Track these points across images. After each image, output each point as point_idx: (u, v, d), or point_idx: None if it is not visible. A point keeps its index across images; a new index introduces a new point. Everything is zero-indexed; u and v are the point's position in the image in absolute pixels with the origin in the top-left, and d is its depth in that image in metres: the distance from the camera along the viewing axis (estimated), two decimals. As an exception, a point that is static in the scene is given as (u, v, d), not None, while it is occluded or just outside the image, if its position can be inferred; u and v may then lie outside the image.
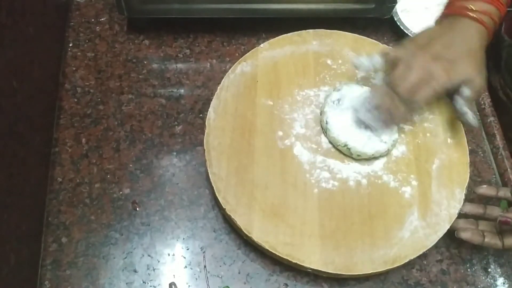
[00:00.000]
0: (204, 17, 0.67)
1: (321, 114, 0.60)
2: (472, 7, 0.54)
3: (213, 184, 0.54)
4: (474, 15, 0.54)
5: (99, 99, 0.64)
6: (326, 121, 0.58)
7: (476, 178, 0.62)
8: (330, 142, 0.58)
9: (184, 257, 0.55)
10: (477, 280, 0.56)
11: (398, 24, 0.71)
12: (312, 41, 0.66)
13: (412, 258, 0.52)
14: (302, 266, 0.51)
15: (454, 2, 0.57)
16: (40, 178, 0.57)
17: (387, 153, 0.58)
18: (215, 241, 0.56)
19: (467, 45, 0.54)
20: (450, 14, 0.56)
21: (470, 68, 0.53)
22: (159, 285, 0.53)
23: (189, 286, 0.53)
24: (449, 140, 0.60)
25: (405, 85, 0.53)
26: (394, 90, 0.53)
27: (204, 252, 0.55)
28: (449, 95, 0.56)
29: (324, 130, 0.59)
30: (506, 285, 0.56)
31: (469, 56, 0.54)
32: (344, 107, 0.59)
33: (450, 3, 0.57)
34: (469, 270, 0.57)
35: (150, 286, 0.53)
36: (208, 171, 0.55)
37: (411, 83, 0.52)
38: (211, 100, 0.60)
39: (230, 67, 0.62)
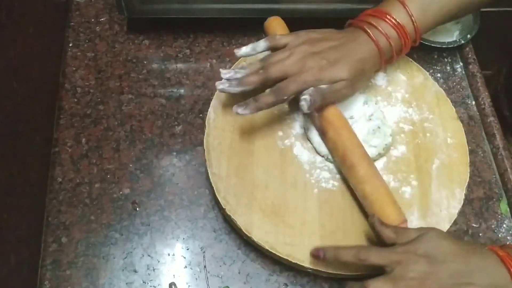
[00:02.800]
0: (204, 17, 0.67)
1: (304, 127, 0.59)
2: (373, 23, 0.55)
3: (213, 184, 0.54)
4: (370, 32, 0.55)
5: (99, 99, 0.64)
6: (308, 137, 0.58)
7: (476, 178, 0.62)
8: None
9: (184, 257, 0.55)
10: (477, 280, 0.56)
11: (398, 24, 0.71)
12: (312, 41, 0.66)
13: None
14: (302, 266, 0.51)
15: (361, 16, 0.57)
16: (40, 178, 0.57)
17: (378, 158, 0.58)
18: (215, 241, 0.56)
19: (353, 53, 0.54)
20: (353, 25, 0.57)
21: (343, 72, 0.53)
22: (159, 285, 0.53)
23: (189, 286, 0.53)
24: (449, 140, 0.60)
25: (278, 68, 0.53)
26: (266, 70, 0.53)
27: (204, 252, 0.55)
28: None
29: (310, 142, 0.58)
30: (506, 285, 0.56)
31: (350, 63, 0.53)
32: None
33: (360, 15, 0.58)
34: (469, 270, 0.57)
35: (150, 286, 0.53)
36: (208, 171, 0.55)
37: (284, 68, 0.52)
38: (211, 100, 0.60)
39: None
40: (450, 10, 0.57)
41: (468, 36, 0.70)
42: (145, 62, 0.68)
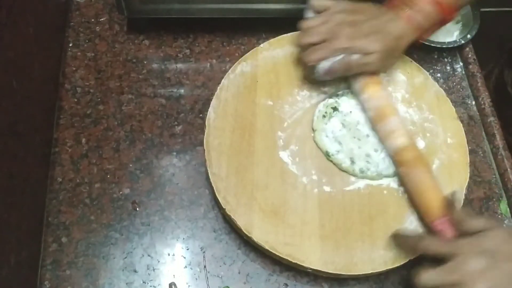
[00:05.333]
0: (204, 17, 0.67)
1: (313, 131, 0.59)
2: (408, 2, 0.55)
3: (213, 184, 0.54)
4: (406, 11, 0.55)
5: (99, 99, 0.64)
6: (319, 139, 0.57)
7: (476, 178, 0.62)
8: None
9: (184, 257, 0.55)
10: (477, 280, 0.56)
11: (398, 24, 0.70)
12: (312, 41, 0.66)
13: (412, 258, 0.52)
14: (302, 266, 0.51)
15: None
16: (40, 178, 0.57)
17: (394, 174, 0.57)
18: (215, 241, 0.56)
19: (388, 30, 0.54)
20: (390, 3, 0.58)
21: (376, 45, 0.54)
22: (159, 285, 0.53)
23: (189, 286, 0.53)
24: (449, 140, 0.59)
25: (312, 33, 0.55)
26: (301, 36, 0.56)
27: (204, 252, 0.55)
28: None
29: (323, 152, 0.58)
30: (506, 285, 0.56)
31: (384, 37, 0.54)
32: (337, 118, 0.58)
33: None
34: (469, 270, 0.57)
35: (150, 286, 0.53)
36: (208, 171, 0.55)
37: (317, 34, 0.55)
38: (211, 100, 0.60)
39: (230, 67, 0.62)
40: None
41: (468, 36, 0.70)
42: (145, 62, 0.68)
